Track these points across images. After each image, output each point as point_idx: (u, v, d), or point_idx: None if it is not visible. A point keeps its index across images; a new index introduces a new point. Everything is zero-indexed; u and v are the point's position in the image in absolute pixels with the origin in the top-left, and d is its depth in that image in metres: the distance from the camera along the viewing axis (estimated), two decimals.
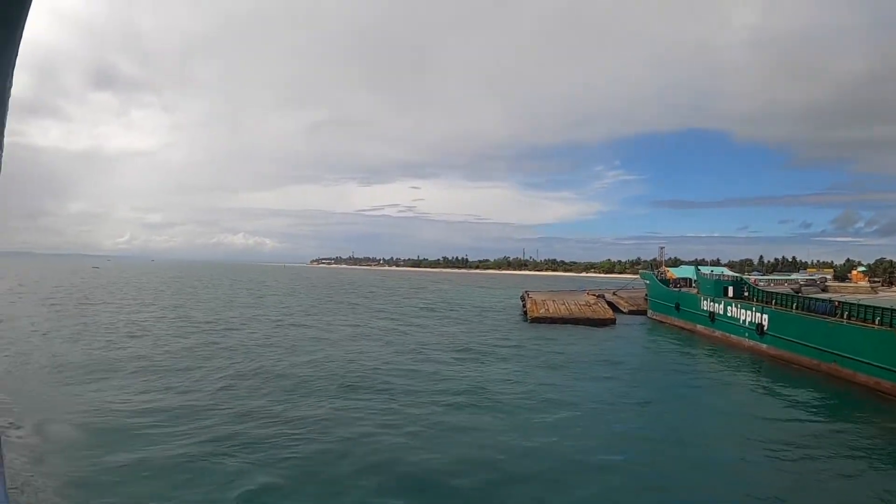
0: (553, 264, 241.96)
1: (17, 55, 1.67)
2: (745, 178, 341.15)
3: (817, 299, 27.03)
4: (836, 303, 24.73)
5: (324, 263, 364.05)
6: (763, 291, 31.29)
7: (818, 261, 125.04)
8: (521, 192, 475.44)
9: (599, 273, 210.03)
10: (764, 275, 53.59)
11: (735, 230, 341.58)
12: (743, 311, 30.94)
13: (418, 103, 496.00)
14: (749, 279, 37.04)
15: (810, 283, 37.40)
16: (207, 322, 37.01)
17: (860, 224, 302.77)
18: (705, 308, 35.51)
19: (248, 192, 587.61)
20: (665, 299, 42.71)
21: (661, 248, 71.58)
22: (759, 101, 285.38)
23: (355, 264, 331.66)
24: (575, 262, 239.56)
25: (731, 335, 31.87)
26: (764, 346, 28.49)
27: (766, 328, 28.43)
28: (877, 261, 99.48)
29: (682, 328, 38.46)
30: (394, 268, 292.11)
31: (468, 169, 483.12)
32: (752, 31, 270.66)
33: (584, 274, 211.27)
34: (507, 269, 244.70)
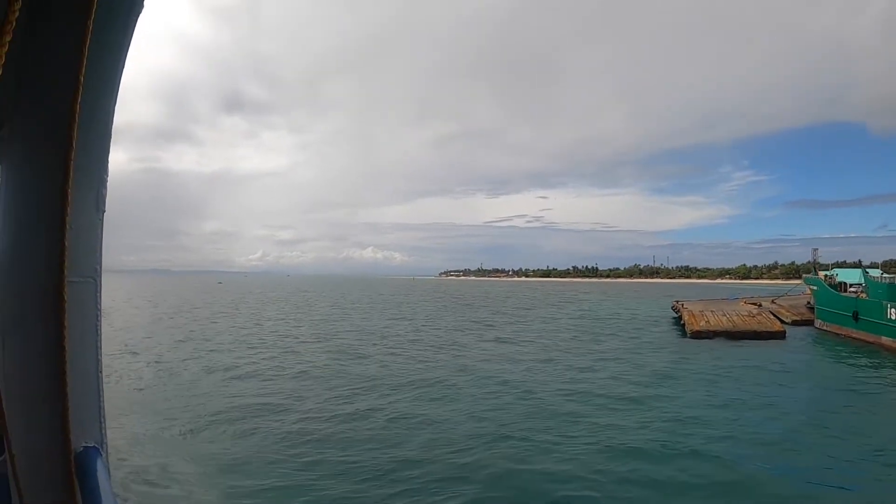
0: (686, 271, 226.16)
1: (120, 79, 1.65)
2: (883, 172, 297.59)
3: None
4: None
5: (452, 276, 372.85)
6: None
7: None
8: (648, 198, 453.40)
9: (735, 279, 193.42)
10: None
11: (873, 229, 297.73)
12: None
13: (545, 113, 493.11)
14: None
15: None
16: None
17: None
18: (893, 318, 31.48)
19: (376, 207, 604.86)
20: (839, 307, 38.39)
21: (815, 249, 63.57)
22: None
23: (484, 276, 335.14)
24: (708, 269, 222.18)
25: None
26: None
27: None
28: None
29: (863, 341, 34.17)
30: (523, 279, 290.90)
31: (595, 176, 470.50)
32: (887, 15, 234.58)
33: (718, 280, 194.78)
34: (639, 278, 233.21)
